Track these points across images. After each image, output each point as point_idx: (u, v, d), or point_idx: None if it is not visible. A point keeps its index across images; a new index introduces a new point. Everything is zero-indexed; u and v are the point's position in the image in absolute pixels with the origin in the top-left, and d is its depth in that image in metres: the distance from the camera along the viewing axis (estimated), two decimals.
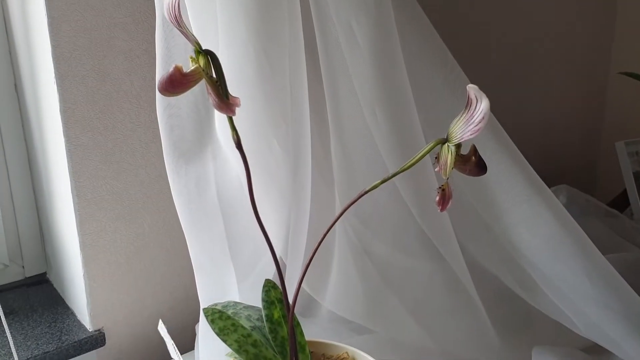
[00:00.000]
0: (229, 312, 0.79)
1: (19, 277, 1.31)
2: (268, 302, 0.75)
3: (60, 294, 1.28)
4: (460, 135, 0.63)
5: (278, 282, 0.75)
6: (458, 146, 0.66)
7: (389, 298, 1.04)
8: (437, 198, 0.66)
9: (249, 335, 0.72)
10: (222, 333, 0.70)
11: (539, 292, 1.02)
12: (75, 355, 1.11)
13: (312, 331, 1.07)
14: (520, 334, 1.11)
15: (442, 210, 0.66)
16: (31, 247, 1.31)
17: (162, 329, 0.76)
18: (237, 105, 0.72)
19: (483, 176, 1.05)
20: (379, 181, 0.69)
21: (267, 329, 0.73)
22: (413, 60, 0.96)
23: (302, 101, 0.91)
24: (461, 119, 0.64)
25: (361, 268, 1.04)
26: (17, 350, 1.08)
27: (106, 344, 1.15)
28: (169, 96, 0.66)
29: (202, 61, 0.64)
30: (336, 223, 0.72)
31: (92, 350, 1.13)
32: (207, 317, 0.72)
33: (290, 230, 0.95)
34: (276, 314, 0.75)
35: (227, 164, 0.98)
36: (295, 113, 0.91)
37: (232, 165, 0.97)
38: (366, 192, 0.69)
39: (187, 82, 0.65)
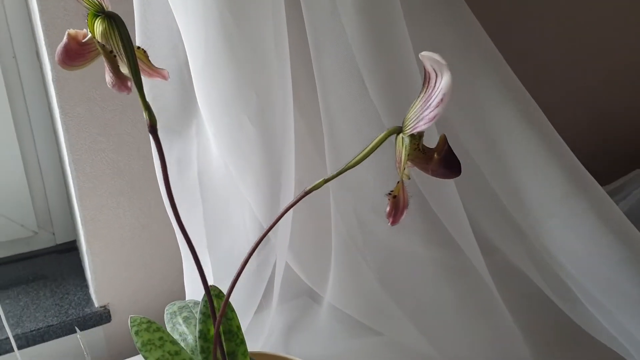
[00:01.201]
0: (172, 320, 0.70)
1: (50, 244, 1.33)
2: (206, 314, 0.64)
3: (82, 265, 1.27)
4: (414, 123, 0.47)
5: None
6: (415, 137, 0.50)
7: (387, 301, 0.90)
8: (387, 208, 0.50)
9: (177, 354, 0.62)
10: (144, 348, 0.61)
11: (579, 305, 0.83)
12: (80, 330, 1.10)
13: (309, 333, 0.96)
14: (561, 348, 0.92)
15: (392, 223, 0.50)
16: (60, 214, 1.31)
17: (80, 338, 0.68)
18: (164, 77, 0.60)
19: (511, 165, 0.87)
20: (321, 180, 0.54)
21: (198, 348, 0.63)
22: (417, 15, 0.78)
23: (283, 72, 0.77)
24: (418, 100, 0.48)
25: (356, 270, 0.91)
26: (24, 321, 1.08)
27: (112, 321, 1.13)
28: (69, 69, 0.56)
29: (100, 27, 0.53)
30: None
31: (98, 326, 1.12)
32: (131, 327, 0.63)
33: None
34: (213, 330, 0.64)
35: (210, 143, 0.87)
36: (274, 86, 0.77)
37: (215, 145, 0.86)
38: (308, 193, 0.56)
39: (86, 52, 0.55)
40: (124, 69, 0.55)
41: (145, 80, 0.90)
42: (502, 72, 0.84)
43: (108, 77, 0.53)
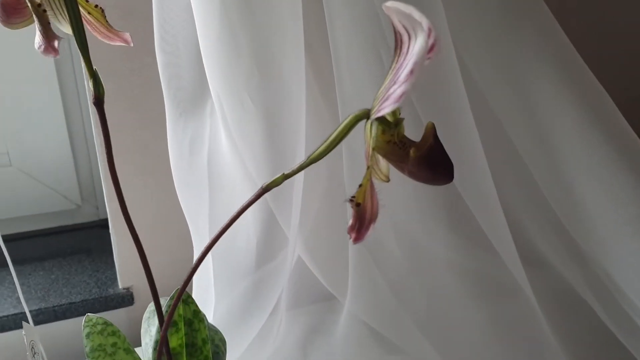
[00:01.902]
0: (148, 321, 0.62)
1: (94, 218, 1.32)
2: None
3: None
4: (380, 104, 0.35)
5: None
6: (388, 124, 0.37)
7: (404, 318, 0.77)
8: (350, 221, 0.38)
9: None
10: (92, 354, 0.54)
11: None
12: (102, 311, 1.07)
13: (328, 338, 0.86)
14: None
15: (355, 240, 0.38)
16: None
17: (25, 335, 0.62)
18: (125, 41, 0.52)
19: (569, 171, 0.70)
20: (280, 175, 0.43)
21: None
22: None
23: (295, 45, 0.66)
24: (389, 72, 0.35)
25: (372, 278, 0.78)
26: (50, 295, 1.07)
27: (135, 304, 1.09)
28: (10, 28, 0.49)
29: None
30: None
31: (120, 308, 1.08)
32: (84, 327, 0.56)
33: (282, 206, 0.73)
34: (175, 341, 0.55)
35: (220, 124, 0.78)
36: (283, 59, 0.66)
37: (227, 127, 0.77)
38: (266, 189, 0.45)
39: (22, 7, 0.47)
40: (66, 28, 0.47)
41: (162, 59, 0.84)
42: (562, 52, 0.67)
43: (37, 37, 0.45)
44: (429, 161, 0.36)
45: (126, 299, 1.07)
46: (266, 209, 0.77)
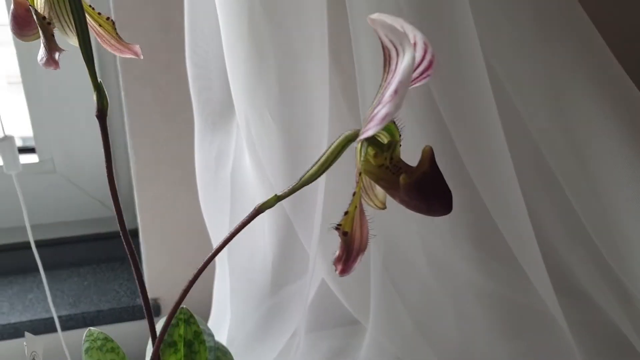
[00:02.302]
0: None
1: (131, 226, 1.34)
2: (166, 343, 0.54)
3: None
4: (365, 125, 0.32)
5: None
6: (379, 146, 0.34)
7: (423, 342, 0.72)
8: (337, 252, 0.35)
9: None
10: None
11: None
12: (129, 321, 1.08)
13: None
14: None
15: (341, 272, 0.35)
16: None
17: (26, 346, 0.61)
18: (135, 54, 0.51)
19: (604, 195, 0.64)
20: (272, 197, 0.41)
21: None
22: None
23: (319, 61, 0.64)
24: (378, 92, 0.32)
25: (393, 306, 0.74)
26: (81, 302, 1.09)
27: (161, 315, 1.09)
28: (23, 40, 0.49)
29: None
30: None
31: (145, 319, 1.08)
32: (84, 342, 0.55)
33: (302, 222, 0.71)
34: None
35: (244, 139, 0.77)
36: (307, 75, 0.64)
37: (250, 142, 0.76)
38: (260, 211, 0.42)
39: (33, 20, 0.47)
40: (73, 40, 0.47)
41: (192, 72, 0.84)
42: (602, 64, 0.61)
43: (40, 50, 0.45)
44: (422, 190, 0.32)
45: (153, 310, 1.07)
46: (284, 230, 0.74)
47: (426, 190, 0.32)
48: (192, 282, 0.49)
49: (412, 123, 0.67)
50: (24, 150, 1.20)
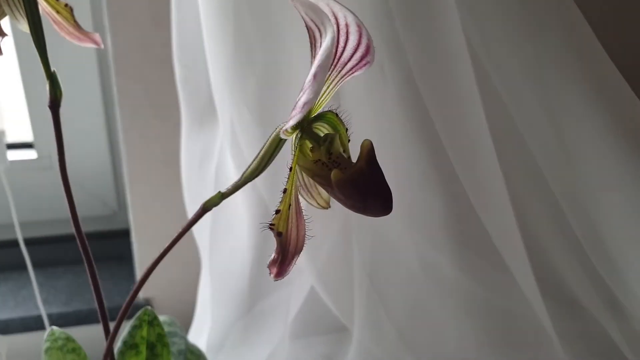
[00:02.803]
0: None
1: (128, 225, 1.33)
2: (127, 344, 0.52)
3: None
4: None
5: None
6: (315, 139, 0.31)
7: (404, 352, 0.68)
8: (273, 255, 0.32)
9: None
10: None
11: None
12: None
13: None
14: None
15: (276, 276, 0.32)
16: None
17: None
18: (96, 43, 0.49)
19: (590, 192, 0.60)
20: (217, 194, 0.38)
21: None
22: None
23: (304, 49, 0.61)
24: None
25: (376, 314, 0.70)
26: (73, 300, 1.08)
27: None
28: None
29: None
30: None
31: None
32: (45, 341, 0.53)
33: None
34: None
35: (234, 139, 0.75)
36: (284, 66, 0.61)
37: (234, 139, 0.73)
38: (206, 209, 0.40)
39: None
40: (24, 26, 0.45)
41: (180, 72, 0.82)
42: (590, 55, 0.57)
43: None
44: (356, 187, 0.29)
45: None
46: (263, 234, 0.72)
47: (361, 187, 0.29)
48: (142, 281, 0.46)
49: (393, 120, 0.64)
50: (23, 146, 1.19)
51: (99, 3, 1.00)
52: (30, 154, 1.17)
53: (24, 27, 0.45)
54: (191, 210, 0.81)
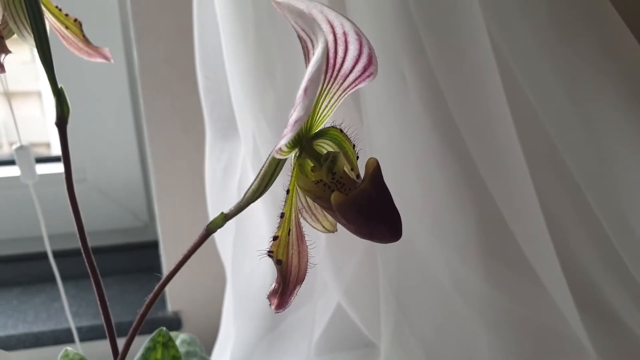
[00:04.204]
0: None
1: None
2: None
3: None
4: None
5: None
6: (315, 159, 0.28)
7: None
8: (273, 285, 0.30)
9: None
10: None
11: None
12: (149, 333, 1.06)
13: None
14: None
15: (277, 308, 0.30)
16: None
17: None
18: (105, 57, 0.48)
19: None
20: (219, 215, 0.36)
21: None
22: None
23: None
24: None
25: (400, 331, 0.67)
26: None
27: (182, 329, 1.06)
28: None
29: None
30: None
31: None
32: (60, 358, 0.52)
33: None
34: None
35: (255, 152, 0.73)
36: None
37: (256, 151, 0.71)
38: (210, 232, 0.38)
39: None
40: (31, 42, 0.44)
41: (203, 84, 0.81)
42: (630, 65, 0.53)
43: None
44: (360, 210, 0.26)
45: (174, 323, 1.05)
46: None
47: (365, 211, 0.26)
48: (150, 302, 0.44)
49: (416, 128, 0.61)
50: (56, 159, 1.21)
51: (125, 16, 1.00)
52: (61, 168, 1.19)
53: (31, 43, 0.44)
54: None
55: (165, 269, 1.04)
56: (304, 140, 0.29)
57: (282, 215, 0.28)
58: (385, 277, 0.67)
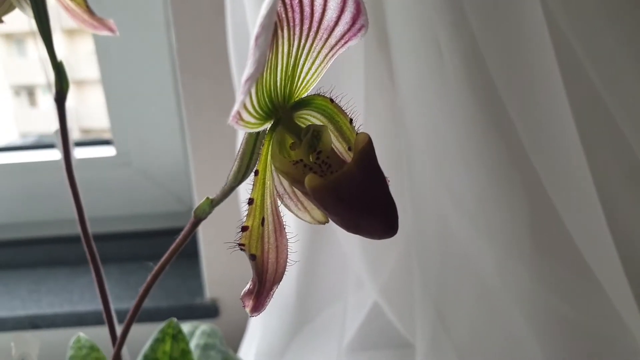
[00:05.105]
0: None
1: None
2: (148, 359, 0.48)
3: None
4: None
5: None
6: (292, 131, 0.23)
7: None
8: (248, 285, 0.25)
9: None
10: None
11: None
12: (186, 319, 1.05)
13: None
14: None
15: (252, 310, 0.25)
16: None
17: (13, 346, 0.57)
18: (110, 30, 0.45)
19: None
20: (205, 200, 0.32)
21: None
22: None
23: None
24: None
25: (436, 331, 0.61)
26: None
27: (220, 316, 1.04)
28: None
29: None
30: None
31: (204, 318, 1.04)
32: (70, 348, 0.51)
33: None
34: None
35: None
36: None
37: None
38: (198, 219, 0.34)
39: None
40: (30, 12, 0.41)
41: (237, 64, 0.77)
42: None
43: None
44: (339, 197, 0.21)
45: (211, 311, 1.03)
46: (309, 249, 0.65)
47: (347, 198, 0.21)
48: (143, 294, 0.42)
49: (456, 109, 0.54)
50: (103, 142, 1.22)
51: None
52: (109, 151, 1.19)
53: (29, 13, 0.42)
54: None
55: (203, 255, 1.03)
56: (281, 111, 0.24)
57: (250, 202, 0.24)
58: (422, 276, 0.61)
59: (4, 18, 0.41)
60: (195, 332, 0.62)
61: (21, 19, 0.46)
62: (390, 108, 0.60)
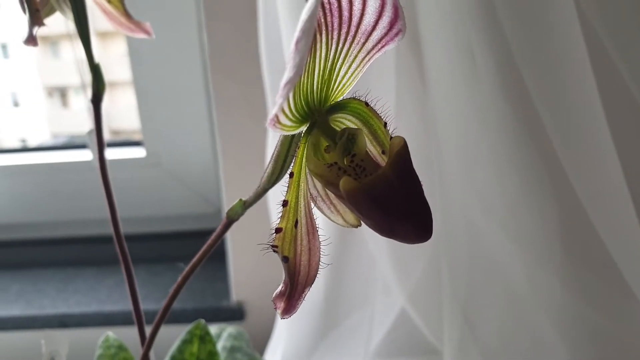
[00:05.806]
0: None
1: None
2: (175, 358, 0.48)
3: None
4: None
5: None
6: (328, 134, 0.23)
7: None
8: (280, 287, 0.25)
9: None
10: None
11: None
12: (212, 321, 1.05)
13: None
14: None
15: (283, 313, 0.25)
16: None
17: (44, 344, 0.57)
18: (147, 33, 0.46)
19: None
20: (238, 202, 0.32)
21: None
22: None
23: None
24: None
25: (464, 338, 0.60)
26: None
27: (245, 319, 1.04)
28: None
29: None
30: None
31: (230, 321, 1.05)
32: (99, 347, 0.51)
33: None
34: None
35: None
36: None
37: None
38: (231, 220, 0.34)
39: None
40: (70, 15, 0.42)
41: (269, 80, 0.77)
42: None
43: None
44: (374, 201, 0.21)
45: (237, 314, 1.04)
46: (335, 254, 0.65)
47: (383, 202, 0.21)
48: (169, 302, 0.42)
49: (489, 115, 0.53)
50: (133, 144, 1.24)
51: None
52: (139, 152, 1.21)
53: (69, 16, 0.43)
54: (274, 213, 0.76)
55: (231, 257, 1.03)
56: (317, 114, 0.24)
57: (284, 204, 0.24)
58: (450, 281, 0.60)
59: (45, 21, 0.42)
60: (222, 334, 0.63)
61: (57, 22, 0.47)
62: (421, 112, 0.60)
